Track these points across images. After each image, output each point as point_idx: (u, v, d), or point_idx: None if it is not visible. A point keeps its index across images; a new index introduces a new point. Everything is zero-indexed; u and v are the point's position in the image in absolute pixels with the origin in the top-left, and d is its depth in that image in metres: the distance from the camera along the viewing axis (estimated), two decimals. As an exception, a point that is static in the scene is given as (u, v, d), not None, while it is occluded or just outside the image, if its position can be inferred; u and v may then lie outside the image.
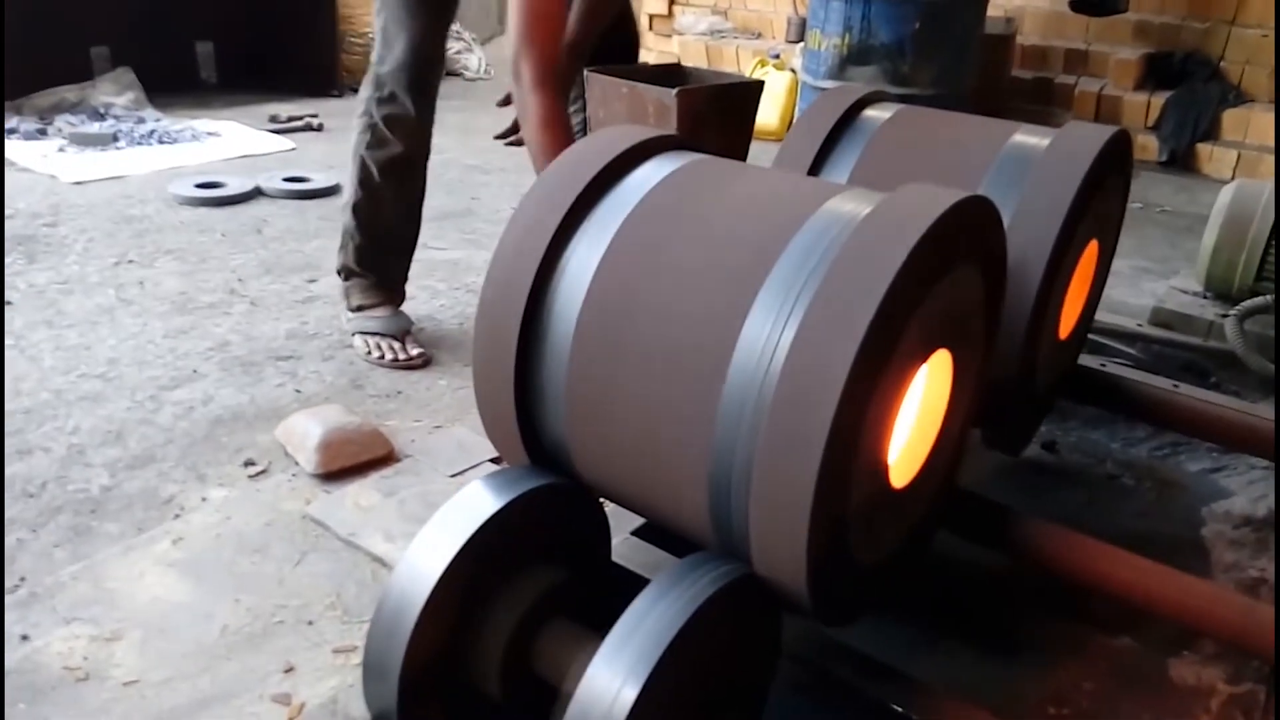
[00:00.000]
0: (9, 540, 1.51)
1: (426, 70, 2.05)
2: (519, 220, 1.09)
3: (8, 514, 1.57)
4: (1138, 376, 1.81)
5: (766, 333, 0.93)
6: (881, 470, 0.99)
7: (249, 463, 1.75)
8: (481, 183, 3.72)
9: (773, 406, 0.88)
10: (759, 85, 1.77)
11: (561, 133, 1.78)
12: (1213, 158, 4.20)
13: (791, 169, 1.51)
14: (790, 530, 0.89)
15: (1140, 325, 2.29)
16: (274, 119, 4.45)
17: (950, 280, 0.99)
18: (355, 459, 1.72)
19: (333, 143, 4.20)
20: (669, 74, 1.87)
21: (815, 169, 1.50)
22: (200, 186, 3.25)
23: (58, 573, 1.43)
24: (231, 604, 1.38)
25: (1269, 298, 2.12)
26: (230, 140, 4.00)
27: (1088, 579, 1.24)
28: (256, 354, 2.18)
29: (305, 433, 1.73)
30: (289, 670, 1.27)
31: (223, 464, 1.75)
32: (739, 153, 1.84)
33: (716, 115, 1.71)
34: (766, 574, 0.95)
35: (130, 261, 2.67)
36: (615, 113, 1.71)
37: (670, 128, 1.64)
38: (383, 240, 2.21)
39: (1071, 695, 1.26)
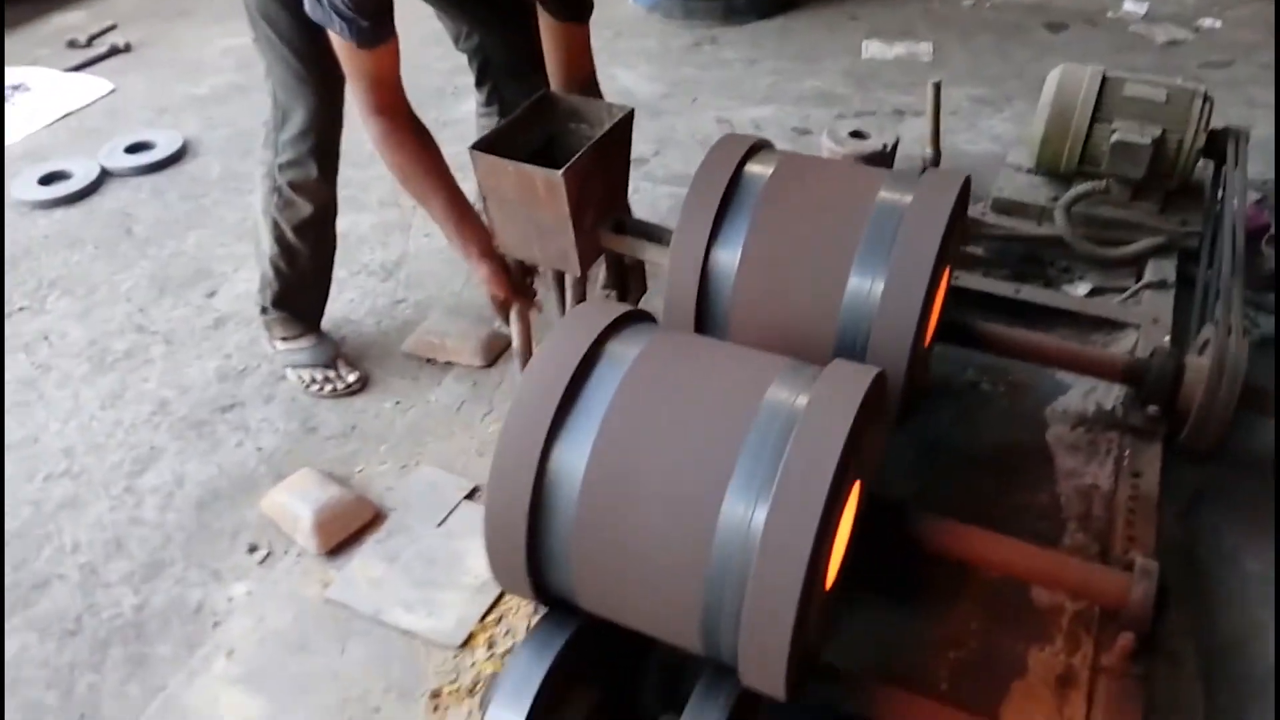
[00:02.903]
0: (80, 685, 1.72)
1: (329, 135, 2.06)
2: (513, 426, 1.28)
3: (64, 659, 1.76)
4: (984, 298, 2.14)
5: (740, 513, 1.19)
6: (822, 585, 1.31)
7: (252, 548, 1.95)
8: (332, 101, 3.58)
9: (754, 575, 1.16)
10: (630, 115, 1.88)
11: (430, 178, 1.85)
12: (1033, -64, 4.33)
13: (694, 237, 1.69)
14: (773, 658, 1.21)
15: (984, 214, 2.60)
16: (74, 44, 4.07)
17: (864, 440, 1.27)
18: (348, 530, 1.94)
19: (148, 69, 3.93)
20: (540, 114, 1.92)
21: (713, 237, 1.69)
22: (43, 182, 3.08)
23: (145, 711, 1.66)
24: (305, 710, 1.66)
25: (1091, 184, 2.44)
26: (42, 94, 3.68)
27: (972, 560, 1.63)
28: (199, 410, 2.29)
29: (295, 515, 1.93)
30: (377, 761, 1.58)
31: (228, 555, 1.94)
32: (622, 178, 1.97)
33: (601, 167, 1.82)
34: (753, 685, 1.28)
35: (21, 309, 2.62)
36: (505, 188, 1.79)
37: (561, 201, 1.75)
38: (301, 283, 2.28)
39: (963, 636, 1.69)
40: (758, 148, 1.77)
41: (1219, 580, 1.80)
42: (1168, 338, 2.18)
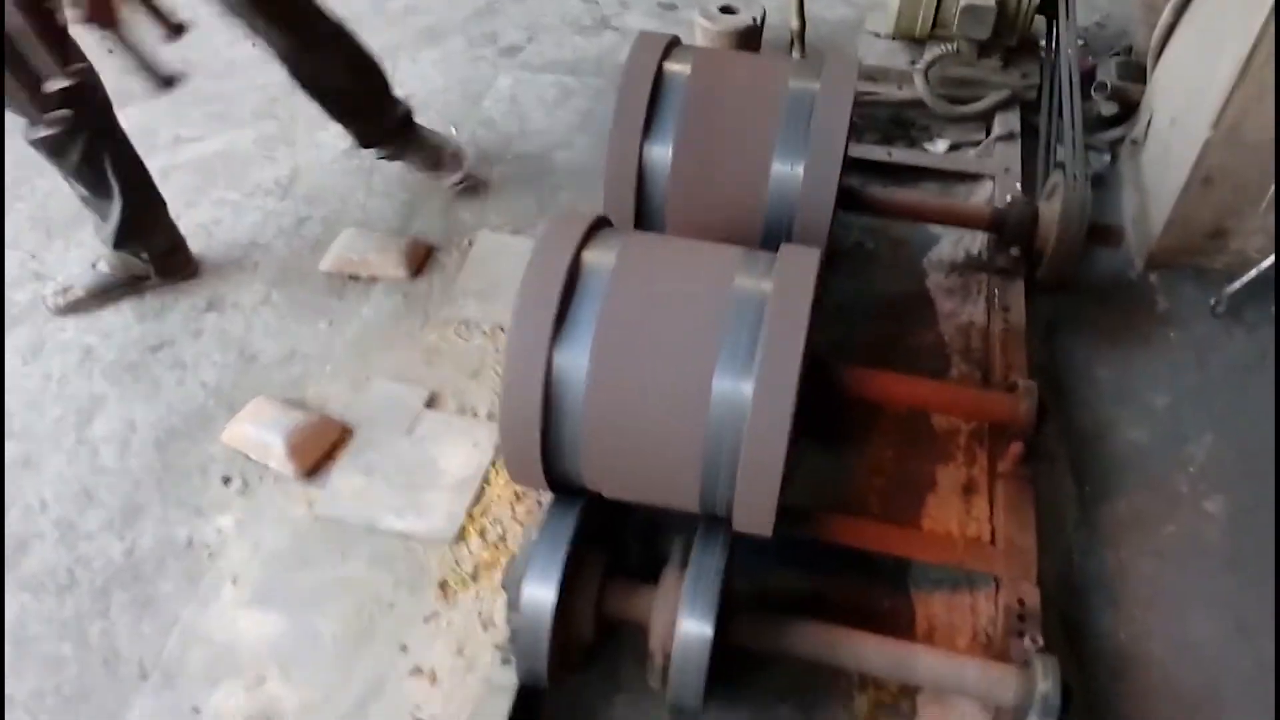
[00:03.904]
0: (92, 633, 1.80)
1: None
2: (516, 340, 1.43)
3: (67, 612, 1.83)
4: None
5: (729, 389, 1.41)
6: (793, 437, 1.56)
7: (226, 480, 2.03)
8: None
9: (747, 439, 1.38)
10: None
11: None
12: None
13: (628, 137, 1.83)
14: (765, 505, 1.45)
15: (852, 82, 2.81)
16: None
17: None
18: (322, 450, 2.04)
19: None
20: None
21: (645, 136, 1.83)
22: None
23: (165, 646, 1.77)
24: (322, 617, 1.81)
25: (944, 47, 2.69)
26: None
27: (885, 400, 1.93)
28: (129, 352, 2.28)
29: (266, 443, 2.02)
30: (404, 649, 1.76)
31: (203, 490, 2.02)
32: None
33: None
34: (744, 529, 1.53)
35: (-110, 271, 2.47)
36: None
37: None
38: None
39: (883, 464, 2.01)
40: (672, 45, 1.90)
41: (1075, 389, 2.18)
42: (1018, 185, 2.50)
